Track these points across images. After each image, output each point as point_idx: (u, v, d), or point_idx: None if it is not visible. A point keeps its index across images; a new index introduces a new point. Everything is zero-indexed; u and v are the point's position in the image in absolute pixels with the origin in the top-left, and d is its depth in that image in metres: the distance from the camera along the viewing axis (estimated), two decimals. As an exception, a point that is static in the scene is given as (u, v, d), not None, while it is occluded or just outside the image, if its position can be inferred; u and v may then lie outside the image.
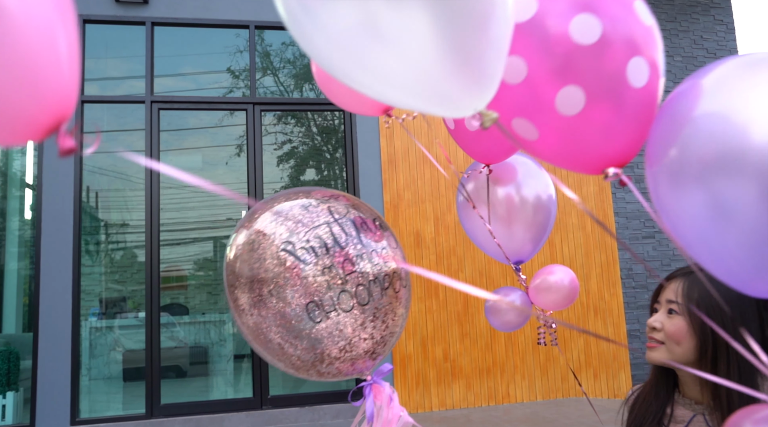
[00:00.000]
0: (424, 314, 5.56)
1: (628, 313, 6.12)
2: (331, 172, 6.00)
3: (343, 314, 1.42)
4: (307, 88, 5.95)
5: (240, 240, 1.51)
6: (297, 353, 1.44)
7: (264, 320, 1.43)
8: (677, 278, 1.37)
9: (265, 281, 1.42)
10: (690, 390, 1.36)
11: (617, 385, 5.88)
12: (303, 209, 1.49)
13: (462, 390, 5.52)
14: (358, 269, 1.44)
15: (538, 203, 1.90)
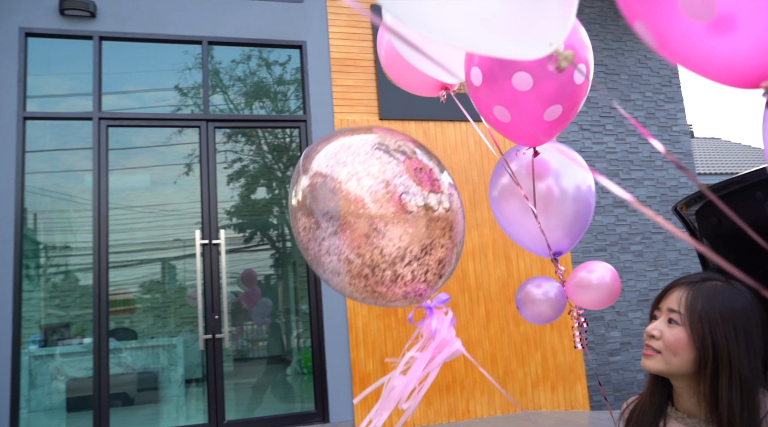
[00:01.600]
0: (383, 331, 5.50)
1: (583, 325, 6.22)
2: (282, 191, 5.91)
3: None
4: (258, 105, 5.87)
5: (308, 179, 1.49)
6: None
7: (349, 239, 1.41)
8: (681, 287, 1.34)
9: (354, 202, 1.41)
10: (685, 403, 1.34)
11: (573, 397, 5.95)
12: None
13: (422, 408, 5.47)
14: (440, 178, 1.49)
15: (578, 194, 1.85)
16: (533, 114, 1.52)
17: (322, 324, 5.38)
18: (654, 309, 1.38)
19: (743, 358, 1.23)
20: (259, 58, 5.88)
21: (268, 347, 5.82)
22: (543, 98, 1.48)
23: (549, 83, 1.46)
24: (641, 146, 6.90)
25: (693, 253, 6.88)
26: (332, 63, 5.86)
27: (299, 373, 5.74)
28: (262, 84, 5.92)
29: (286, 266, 5.93)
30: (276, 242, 5.96)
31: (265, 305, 5.68)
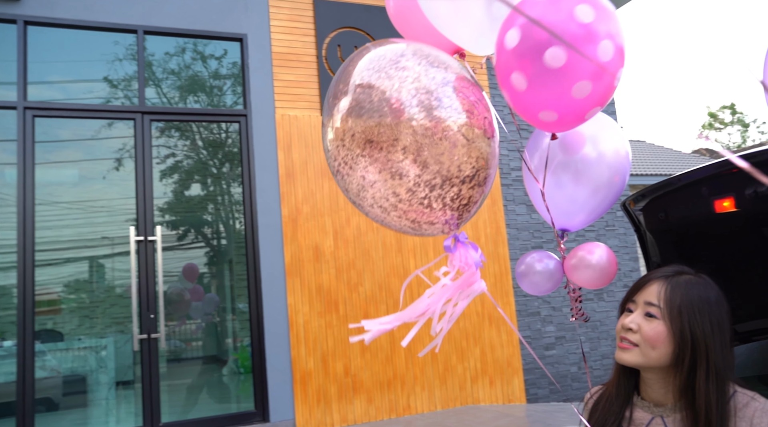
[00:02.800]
0: (324, 329, 5.46)
1: (520, 320, 6.38)
2: (217, 188, 5.77)
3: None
4: (195, 99, 5.70)
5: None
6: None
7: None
8: (657, 280, 1.35)
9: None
10: (653, 392, 1.36)
11: (511, 390, 6.09)
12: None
13: (363, 405, 5.46)
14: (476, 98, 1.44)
15: (615, 160, 1.79)
16: (562, 90, 1.49)
17: (263, 322, 5.28)
18: (628, 302, 1.39)
19: (718, 350, 1.27)
20: (195, 50, 5.71)
21: (203, 346, 5.68)
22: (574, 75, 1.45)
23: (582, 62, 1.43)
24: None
25: (626, 250, 7.16)
26: (274, 57, 5.76)
27: (236, 372, 5.62)
28: (200, 77, 5.76)
29: (222, 264, 5.79)
30: (211, 239, 5.82)
31: (212, 300, 5.54)
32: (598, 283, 1.78)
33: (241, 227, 5.62)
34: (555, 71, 1.40)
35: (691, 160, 19.16)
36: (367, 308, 5.65)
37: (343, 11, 6.13)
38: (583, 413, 1.52)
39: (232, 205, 5.76)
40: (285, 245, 5.46)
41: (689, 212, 1.85)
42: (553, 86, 1.42)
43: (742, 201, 1.69)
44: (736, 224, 1.79)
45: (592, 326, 6.79)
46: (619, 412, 1.39)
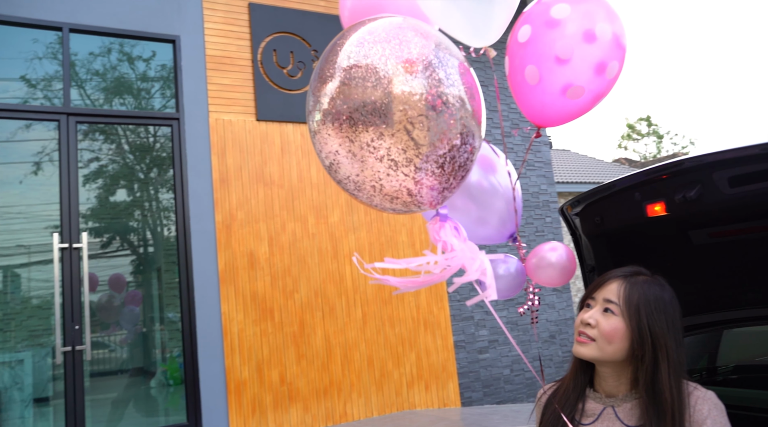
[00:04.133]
0: (259, 337, 5.36)
1: (455, 325, 6.48)
2: (145, 193, 5.58)
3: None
4: (123, 101, 5.50)
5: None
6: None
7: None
8: (616, 279, 1.42)
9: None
10: (607, 385, 1.43)
11: (446, 395, 6.17)
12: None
13: (300, 413, 5.40)
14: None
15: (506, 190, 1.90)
16: (556, 89, 1.60)
17: (195, 331, 5.13)
18: (587, 299, 1.46)
19: (674, 347, 1.36)
20: (121, 52, 5.51)
21: (129, 358, 5.46)
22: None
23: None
24: (507, 154, 7.32)
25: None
26: (208, 60, 5.64)
27: (165, 384, 5.44)
28: (129, 78, 5.56)
29: (150, 273, 5.60)
30: (137, 247, 5.61)
31: (132, 312, 5.33)
32: (559, 281, 1.86)
33: (171, 233, 5.46)
34: (602, 43, 1.58)
35: (612, 169, 20.06)
36: (303, 314, 5.60)
37: (279, 16, 6.08)
38: (535, 409, 1.58)
39: (160, 211, 5.58)
40: (219, 251, 5.34)
41: (623, 216, 1.94)
42: (602, 59, 1.58)
43: (672, 206, 1.79)
44: (666, 227, 1.89)
45: (523, 329, 6.98)
46: (573, 404, 1.45)
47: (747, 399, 2.16)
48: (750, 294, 2.06)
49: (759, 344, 2.65)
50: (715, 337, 2.61)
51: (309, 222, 5.82)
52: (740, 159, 1.65)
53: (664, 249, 2.02)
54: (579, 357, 1.42)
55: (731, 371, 2.54)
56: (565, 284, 7.19)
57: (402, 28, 1.42)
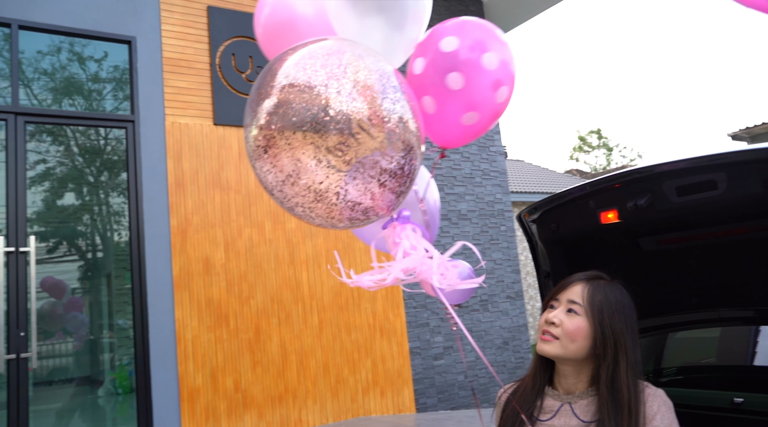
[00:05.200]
0: (213, 343, 5.29)
1: (410, 331, 6.52)
2: (94, 197, 5.45)
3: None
4: (75, 102, 5.37)
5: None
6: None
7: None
8: (579, 282, 1.50)
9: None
10: (566, 383, 1.50)
11: (401, 401, 6.20)
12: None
13: (254, 420, 5.34)
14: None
15: (429, 208, 1.97)
16: (454, 115, 1.67)
17: (148, 338, 5.02)
18: (551, 300, 1.52)
19: (632, 347, 1.44)
20: (71, 51, 5.37)
21: (76, 367, 5.31)
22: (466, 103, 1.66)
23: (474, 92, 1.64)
24: (463, 163, 7.45)
25: (509, 263, 7.55)
26: (164, 62, 5.56)
27: (113, 393, 5.31)
28: (83, 79, 5.43)
29: (98, 279, 5.47)
30: (86, 252, 5.47)
31: (76, 319, 5.18)
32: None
33: (122, 238, 5.34)
34: (488, 73, 1.62)
35: (564, 180, 20.57)
36: (259, 321, 5.55)
37: (239, 20, 6.04)
38: (495, 407, 1.64)
39: (111, 215, 5.46)
40: (173, 257, 5.25)
41: (578, 223, 2.01)
42: (485, 87, 1.64)
43: (624, 213, 1.87)
44: (618, 234, 1.97)
45: (477, 336, 7.08)
46: (532, 402, 1.51)
47: (690, 398, 2.26)
48: (694, 299, 2.17)
49: (702, 347, 2.78)
50: (661, 340, 2.72)
51: (266, 228, 5.78)
52: (687, 169, 1.75)
53: (616, 255, 2.10)
54: (543, 355, 1.48)
55: (676, 372, 2.66)
56: (491, 297, 7.33)
57: (341, 51, 1.46)
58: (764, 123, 15.35)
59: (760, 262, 1.93)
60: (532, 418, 1.49)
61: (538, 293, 9.56)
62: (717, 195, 1.72)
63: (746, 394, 2.15)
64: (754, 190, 1.67)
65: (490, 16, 8.19)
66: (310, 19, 1.83)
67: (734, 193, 1.70)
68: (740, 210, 1.77)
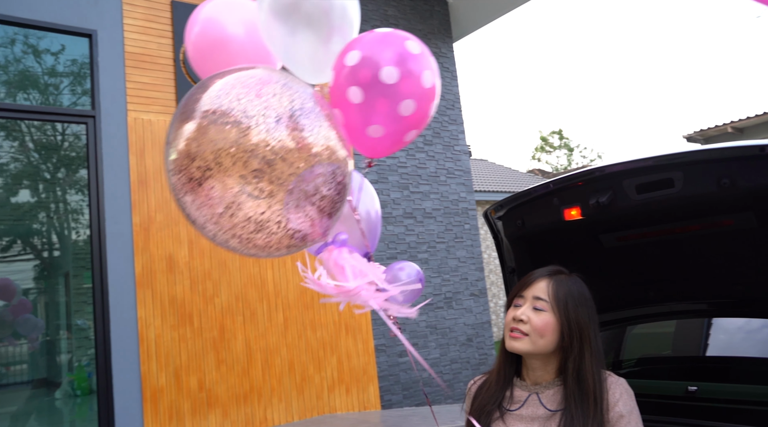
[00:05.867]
0: (177, 342, 5.23)
1: (376, 329, 6.56)
2: (51, 195, 5.33)
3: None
4: (22, 97, 5.21)
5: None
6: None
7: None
8: (542, 278, 1.54)
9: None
10: (535, 375, 1.55)
11: (367, 398, 6.23)
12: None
13: (219, 419, 5.30)
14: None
15: (368, 217, 1.98)
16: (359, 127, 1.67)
17: (109, 338, 4.93)
18: (516, 298, 1.56)
19: (594, 338, 1.50)
20: (26, 43, 5.23)
21: (31, 369, 5.19)
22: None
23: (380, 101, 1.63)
24: (428, 162, 7.52)
25: (473, 260, 7.65)
26: (126, 57, 5.46)
27: (71, 395, 5.21)
28: (37, 72, 5.29)
29: (55, 278, 5.36)
30: (42, 251, 5.35)
31: (28, 322, 5.04)
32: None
33: (80, 237, 5.23)
34: (388, 86, 1.59)
35: (526, 179, 20.89)
36: (224, 319, 5.51)
37: (203, 15, 5.97)
38: (466, 398, 1.69)
39: (68, 213, 5.34)
40: (136, 255, 5.17)
41: (543, 220, 2.07)
42: (385, 100, 1.61)
43: (587, 210, 1.94)
44: (581, 230, 2.04)
45: (442, 332, 7.16)
46: (502, 392, 1.56)
47: (648, 388, 2.35)
48: (651, 293, 2.25)
49: (658, 340, 2.88)
50: (620, 334, 2.81)
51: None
52: (646, 168, 1.82)
53: (578, 251, 2.17)
54: (513, 352, 1.52)
55: (634, 364, 2.76)
56: (455, 295, 7.43)
57: (268, 81, 1.48)
58: (717, 126, 15.88)
59: (714, 257, 2.02)
60: (502, 408, 1.54)
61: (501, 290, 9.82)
62: (674, 193, 1.80)
63: (699, 383, 2.25)
64: (708, 188, 1.75)
65: (455, 17, 8.28)
66: (240, 39, 1.84)
67: (690, 191, 1.78)
68: (695, 207, 1.85)
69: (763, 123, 15.12)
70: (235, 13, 1.88)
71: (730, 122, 15.50)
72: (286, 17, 1.63)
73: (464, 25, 8.40)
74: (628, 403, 1.46)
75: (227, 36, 1.85)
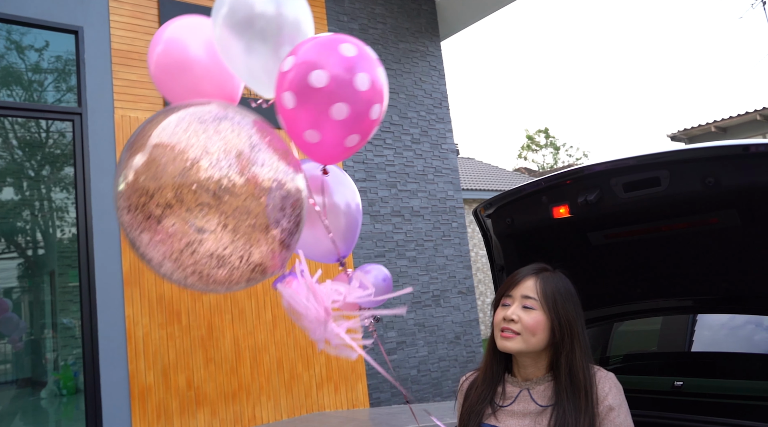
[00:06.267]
0: (165, 340, 5.21)
1: (364, 327, 6.56)
2: (35, 192, 5.29)
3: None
4: (5, 93, 5.15)
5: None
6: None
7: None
8: (528, 277, 1.56)
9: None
10: (525, 371, 1.57)
11: (355, 396, 6.24)
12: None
13: (207, 418, 5.29)
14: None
15: (348, 210, 1.98)
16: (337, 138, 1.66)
17: (97, 336, 4.91)
18: (504, 297, 1.58)
19: (582, 332, 1.53)
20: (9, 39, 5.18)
21: (16, 369, 5.15)
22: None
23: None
24: (416, 161, 7.54)
25: (460, 258, 7.68)
26: (113, 54, 5.43)
27: (57, 395, 5.18)
28: (23, 69, 5.24)
29: (40, 277, 5.32)
30: (26, 249, 5.31)
31: (10, 321, 5.00)
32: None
33: (65, 235, 5.19)
34: (318, 90, 1.57)
35: (513, 178, 20.99)
36: (212, 317, 5.50)
37: (191, 12, 5.93)
38: (458, 393, 1.71)
39: (53, 211, 5.31)
40: (123, 252, 5.14)
41: (532, 218, 2.10)
42: (314, 105, 1.59)
43: (575, 208, 1.97)
44: (569, 228, 2.07)
45: (430, 330, 7.19)
46: (493, 389, 1.59)
47: (635, 383, 2.40)
48: (637, 290, 2.29)
49: (644, 337, 2.93)
50: (607, 330, 2.85)
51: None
52: (633, 167, 1.85)
53: (566, 248, 2.21)
54: (506, 351, 1.54)
55: (621, 360, 2.80)
56: (442, 293, 7.46)
57: (220, 117, 1.48)
58: (701, 125, 16.06)
59: (699, 254, 2.06)
60: (494, 404, 1.56)
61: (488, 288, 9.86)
62: (660, 191, 1.83)
63: (685, 378, 2.30)
64: (693, 187, 1.79)
65: (442, 16, 8.30)
66: (202, 60, 1.84)
67: (676, 189, 1.81)
68: (681, 205, 1.89)
69: (746, 122, 15.32)
70: (197, 34, 1.87)
71: (714, 122, 15.69)
72: (240, 34, 1.64)
73: (452, 23, 8.43)
74: (618, 396, 1.49)
75: (189, 57, 1.84)
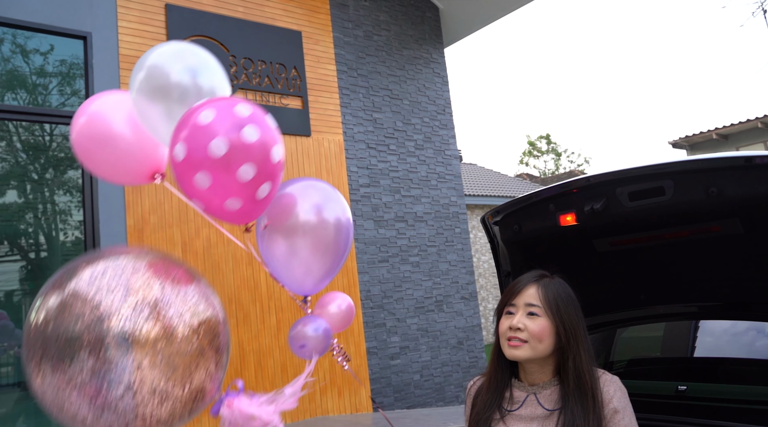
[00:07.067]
0: (170, 345, 5.24)
1: (368, 331, 6.60)
2: (39, 195, 5.32)
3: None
4: (10, 97, 5.20)
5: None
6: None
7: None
8: (530, 284, 1.59)
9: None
10: (532, 376, 1.60)
11: (359, 400, 6.27)
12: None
13: (211, 420, 5.32)
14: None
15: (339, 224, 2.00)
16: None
17: (103, 339, 4.93)
18: (507, 306, 1.61)
19: (585, 336, 1.57)
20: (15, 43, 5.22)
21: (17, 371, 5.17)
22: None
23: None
24: (420, 166, 7.58)
25: (463, 264, 7.72)
26: (121, 59, 5.48)
27: (60, 398, 5.17)
28: (29, 73, 5.29)
29: (44, 280, 5.32)
30: (29, 252, 5.34)
31: (5, 329, 5.02)
32: (339, 328, 2.08)
33: (69, 238, 5.23)
34: (220, 160, 1.58)
35: (515, 184, 21.02)
36: (217, 322, 5.52)
37: (197, 19, 6.01)
38: (466, 398, 1.74)
39: (58, 214, 5.34)
40: (129, 257, 5.17)
41: (539, 225, 2.15)
42: (222, 176, 1.60)
43: (582, 216, 2.01)
44: (575, 235, 2.11)
45: (432, 335, 7.22)
46: (501, 393, 1.62)
47: (639, 388, 2.43)
48: (642, 296, 2.33)
49: (647, 343, 2.96)
50: (611, 336, 2.89)
51: (224, 228, 5.76)
52: (638, 177, 1.90)
53: (572, 255, 2.25)
54: (515, 360, 1.57)
55: (625, 365, 2.84)
56: (445, 298, 7.50)
57: (136, 270, 1.48)
58: (702, 132, 16.11)
59: (702, 262, 2.10)
60: (502, 408, 1.59)
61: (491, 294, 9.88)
62: (664, 200, 1.88)
63: (688, 383, 2.33)
64: (697, 196, 1.83)
65: (446, 23, 8.36)
66: (126, 136, 1.85)
67: (679, 198, 1.86)
68: (685, 214, 1.93)
69: (747, 130, 15.37)
70: (122, 110, 1.87)
71: (715, 129, 15.74)
72: (157, 101, 1.69)
73: (455, 30, 8.49)
74: (622, 399, 1.52)
75: (112, 133, 1.84)
